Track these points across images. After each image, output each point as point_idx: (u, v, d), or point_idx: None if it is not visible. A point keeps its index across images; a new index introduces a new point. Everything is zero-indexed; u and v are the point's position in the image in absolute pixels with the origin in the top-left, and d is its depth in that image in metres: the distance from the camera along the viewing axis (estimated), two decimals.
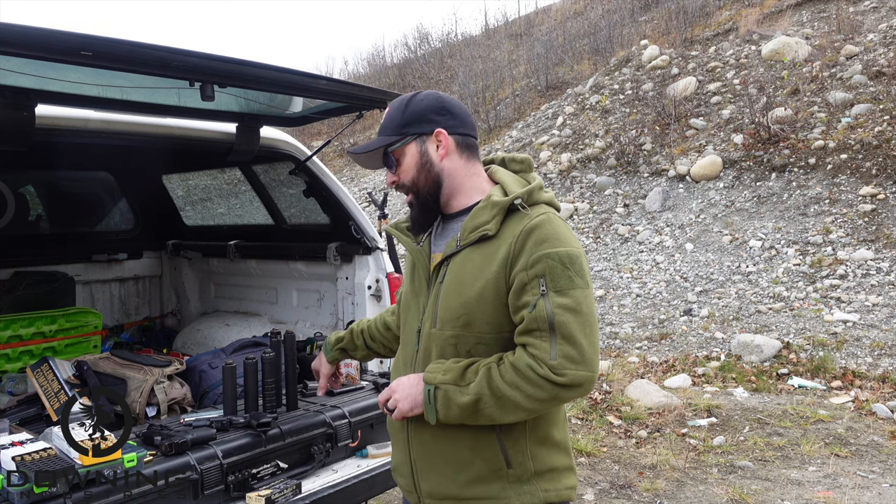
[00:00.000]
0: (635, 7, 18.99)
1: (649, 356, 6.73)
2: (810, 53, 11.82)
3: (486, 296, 1.56)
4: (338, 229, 3.51)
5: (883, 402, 5.28)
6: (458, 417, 1.55)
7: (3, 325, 3.42)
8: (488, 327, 1.58)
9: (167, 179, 4.60)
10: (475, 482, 1.61)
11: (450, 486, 1.64)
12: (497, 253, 1.57)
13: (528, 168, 1.74)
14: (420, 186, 1.69)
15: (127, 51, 2.05)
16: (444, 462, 1.64)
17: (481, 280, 1.57)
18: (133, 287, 4.71)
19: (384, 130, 1.70)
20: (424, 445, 1.68)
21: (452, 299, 1.61)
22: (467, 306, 1.58)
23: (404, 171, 1.69)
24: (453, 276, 1.63)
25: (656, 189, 10.53)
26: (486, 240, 1.59)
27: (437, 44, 25.37)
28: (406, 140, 1.67)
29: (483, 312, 1.57)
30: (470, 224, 1.62)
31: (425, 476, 1.69)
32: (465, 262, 1.62)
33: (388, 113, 1.73)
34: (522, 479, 1.61)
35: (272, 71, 2.40)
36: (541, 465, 1.63)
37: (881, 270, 7.30)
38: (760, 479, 4.26)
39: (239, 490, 2.30)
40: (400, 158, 1.69)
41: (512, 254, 1.54)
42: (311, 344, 3.22)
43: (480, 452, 1.60)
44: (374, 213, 3.39)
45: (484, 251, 1.59)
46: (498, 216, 1.59)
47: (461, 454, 1.62)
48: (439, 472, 1.65)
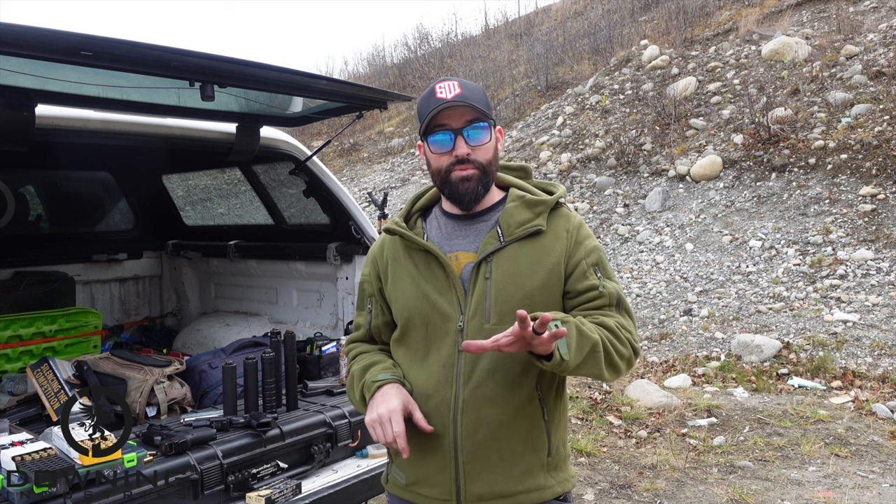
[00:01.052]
0: (635, 7, 18.99)
1: (649, 356, 6.73)
2: (810, 53, 11.82)
3: (549, 284, 1.65)
4: (338, 229, 3.51)
5: (883, 402, 5.28)
6: (584, 354, 1.52)
7: (3, 325, 3.42)
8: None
9: (167, 179, 4.61)
10: (526, 475, 1.64)
11: (505, 483, 1.63)
12: (553, 245, 1.68)
13: (528, 175, 1.84)
14: (492, 170, 1.71)
15: (127, 51, 2.05)
16: (499, 459, 1.63)
17: (543, 271, 1.65)
18: (133, 287, 4.71)
19: (478, 102, 1.64)
20: (479, 445, 1.61)
21: (511, 293, 1.63)
22: (531, 297, 1.63)
23: (485, 150, 1.67)
24: (506, 270, 1.64)
25: (656, 189, 10.53)
26: (537, 235, 1.68)
27: (437, 44, 25.36)
28: (492, 122, 1.70)
29: (545, 301, 1.64)
30: (513, 221, 1.68)
31: (476, 478, 1.62)
32: (516, 257, 1.66)
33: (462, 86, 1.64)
34: (558, 466, 1.69)
35: (272, 71, 2.40)
36: (566, 451, 1.74)
37: (881, 270, 7.30)
38: (760, 479, 4.26)
39: (239, 490, 2.30)
40: (483, 136, 1.66)
41: (570, 246, 1.69)
42: (311, 344, 3.23)
43: (532, 443, 1.65)
44: (374, 213, 3.39)
45: (536, 245, 1.67)
46: (544, 213, 1.70)
47: (515, 447, 1.63)
48: (493, 470, 1.62)
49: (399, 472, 1.76)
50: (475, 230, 1.70)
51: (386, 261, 1.78)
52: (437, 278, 1.68)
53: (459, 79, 1.69)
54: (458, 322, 1.64)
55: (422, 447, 1.66)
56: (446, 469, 1.64)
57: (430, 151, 1.68)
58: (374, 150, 18.75)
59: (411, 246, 1.73)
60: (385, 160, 17.53)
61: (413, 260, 1.72)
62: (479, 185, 1.67)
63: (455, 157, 1.64)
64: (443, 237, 1.73)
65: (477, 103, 1.64)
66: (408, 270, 1.72)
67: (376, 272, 1.81)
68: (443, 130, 1.64)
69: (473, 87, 1.69)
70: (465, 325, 1.63)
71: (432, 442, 1.64)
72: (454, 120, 1.64)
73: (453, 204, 1.72)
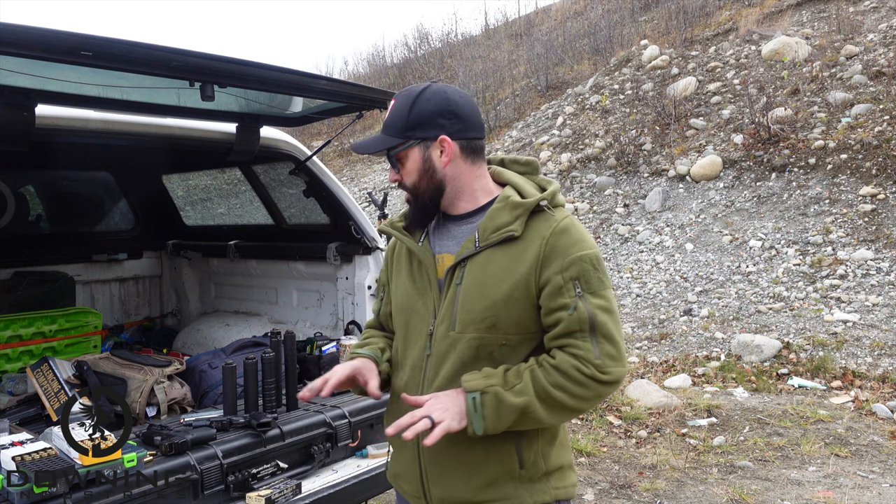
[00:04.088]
0: (635, 7, 18.98)
1: (649, 356, 6.73)
2: (810, 53, 11.82)
3: (515, 297, 1.55)
4: (338, 229, 3.51)
5: (883, 402, 5.28)
6: (508, 422, 1.51)
7: (3, 325, 3.42)
8: (514, 329, 1.57)
9: (167, 179, 4.61)
10: (490, 485, 1.59)
11: (464, 491, 1.61)
12: (525, 254, 1.55)
13: (535, 171, 1.72)
14: (420, 191, 1.65)
15: (127, 51, 2.05)
16: (459, 466, 1.61)
17: (509, 281, 1.55)
18: (133, 287, 4.71)
19: (388, 129, 1.64)
20: (437, 450, 1.59)
21: (475, 301, 1.57)
22: (494, 308, 1.55)
23: (406, 174, 1.65)
24: (474, 278, 1.58)
25: (656, 189, 10.53)
26: (511, 241, 1.57)
27: (437, 44, 25.36)
28: (409, 144, 1.62)
29: (510, 314, 1.55)
30: (490, 225, 1.59)
31: (437, 482, 1.64)
32: (487, 264, 1.58)
33: (394, 106, 1.65)
34: (534, 478, 1.60)
35: (272, 71, 2.40)
36: (551, 464, 1.63)
37: (881, 270, 7.30)
38: (760, 479, 4.26)
39: (239, 490, 2.30)
40: (403, 160, 1.64)
41: (542, 255, 1.54)
42: (311, 344, 3.23)
43: (495, 454, 1.58)
44: (374, 213, 3.39)
45: (509, 252, 1.57)
46: (522, 217, 1.57)
47: (476, 456, 1.58)
48: (453, 476, 1.62)
49: (391, 461, 1.84)
50: (462, 232, 1.67)
51: (395, 255, 1.82)
52: (422, 279, 1.69)
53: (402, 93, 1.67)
54: (430, 325, 1.65)
55: (399, 444, 1.73)
56: (414, 468, 1.69)
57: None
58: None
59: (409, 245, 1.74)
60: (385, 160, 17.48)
61: (409, 258, 1.74)
62: (414, 207, 1.68)
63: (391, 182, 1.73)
64: (436, 237, 1.72)
65: (389, 130, 1.63)
66: (405, 268, 1.75)
67: (388, 264, 1.85)
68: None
69: (397, 106, 1.64)
70: (435, 329, 1.64)
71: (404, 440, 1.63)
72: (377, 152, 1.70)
73: None
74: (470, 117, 1.65)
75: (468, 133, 1.64)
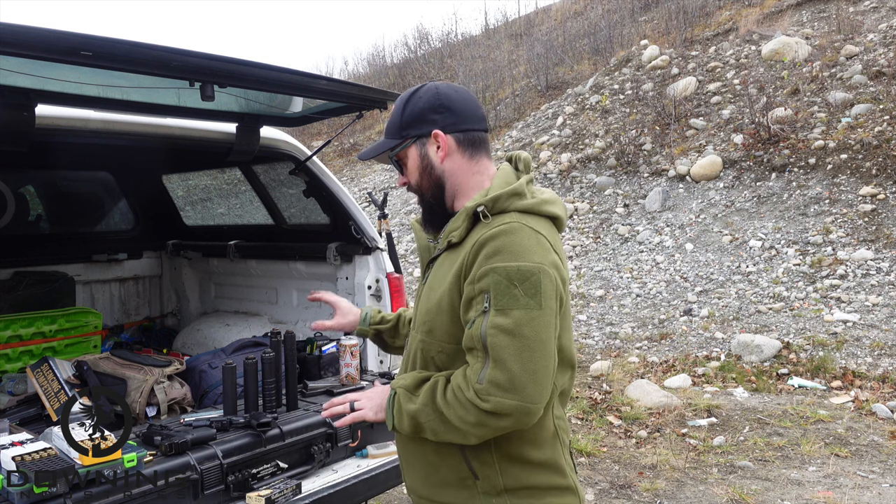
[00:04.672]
0: (635, 7, 18.98)
1: (649, 356, 6.73)
2: (810, 53, 11.82)
3: (442, 305, 1.53)
4: (338, 229, 3.51)
5: (883, 402, 5.28)
6: (407, 427, 1.53)
7: (3, 325, 3.42)
8: (447, 337, 1.54)
9: (167, 179, 4.61)
10: (444, 486, 1.59)
11: (423, 487, 1.65)
12: (455, 262, 1.51)
13: (525, 169, 1.64)
14: (423, 189, 1.65)
15: (127, 51, 2.05)
16: (418, 462, 1.65)
17: (441, 289, 1.54)
18: (133, 287, 4.71)
19: (387, 132, 1.67)
20: (403, 443, 1.69)
21: (423, 304, 1.61)
22: (430, 313, 1.57)
23: (409, 175, 1.66)
24: (429, 281, 1.62)
25: (656, 189, 10.53)
26: (454, 247, 1.55)
27: (437, 44, 25.35)
28: (406, 143, 1.63)
29: (442, 322, 1.54)
30: (447, 228, 1.58)
31: (406, 472, 1.72)
32: (438, 268, 1.60)
33: (392, 110, 1.70)
34: (491, 493, 1.53)
35: (272, 71, 2.40)
36: (513, 482, 1.53)
37: (881, 270, 7.30)
38: (760, 479, 4.26)
39: (239, 490, 2.30)
40: (403, 161, 1.65)
41: (465, 265, 1.47)
42: (311, 344, 3.22)
43: (445, 458, 1.56)
44: (374, 213, 3.39)
45: (450, 259, 1.55)
46: (465, 223, 1.52)
47: (429, 457, 1.60)
48: (415, 471, 1.67)
49: None
50: None
51: None
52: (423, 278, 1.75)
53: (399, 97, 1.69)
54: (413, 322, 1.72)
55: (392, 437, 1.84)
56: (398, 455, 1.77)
57: None
58: None
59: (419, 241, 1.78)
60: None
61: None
62: (424, 209, 1.68)
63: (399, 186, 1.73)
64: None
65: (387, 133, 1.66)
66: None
67: None
68: None
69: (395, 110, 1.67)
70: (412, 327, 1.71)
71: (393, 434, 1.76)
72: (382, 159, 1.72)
73: None
74: (464, 110, 1.62)
75: (463, 125, 1.61)
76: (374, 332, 2.02)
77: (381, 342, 2.03)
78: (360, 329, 2.04)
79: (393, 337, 2.00)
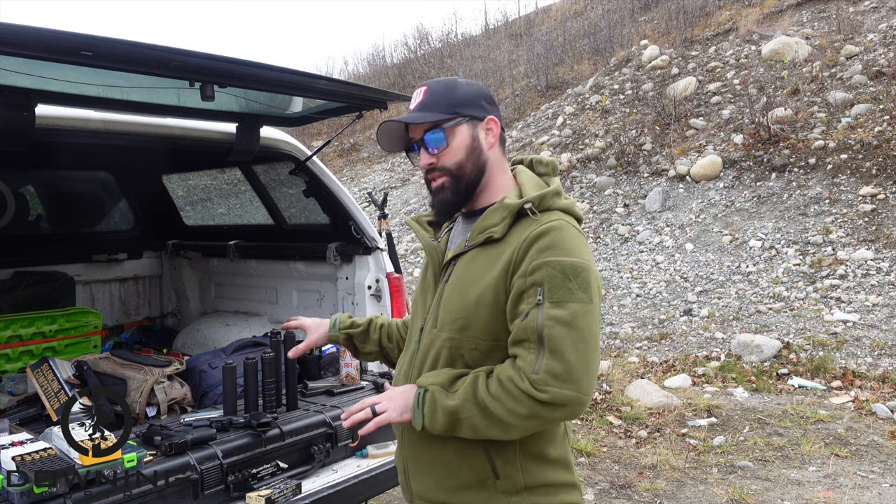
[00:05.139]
0: (635, 7, 18.98)
1: (649, 356, 6.73)
2: (810, 53, 11.82)
3: (484, 301, 1.51)
4: (338, 229, 3.51)
5: (883, 402, 5.28)
6: (443, 425, 1.49)
7: (3, 325, 3.42)
8: (483, 334, 1.53)
9: (167, 179, 4.61)
10: (462, 489, 1.56)
11: (437, 491, 1.61)
12: (501, 258, 1.52)
13: (553, 171, 1.67)
14: (465, 171, 1.60)
15: (127, 51, 2.05)
16: (432, 465, 1.61)
17: (482, 284, 1.52)
18: (133, 287, 4.71)
19: (429, 107, 1.59)
20: (414, 446, 1.64)
21: (453, 301, 1.57)
22: (466, 310, 1.54)
23: (450, 153, 1.59)
24: (457, 277, 1.58)
25: (656, 189, 10.53)
26: (492, 243, 1.54)
27: (437, 44, 25.35)
28: (459, 120, 1.58)
29: (480, 318, 1.52)
30: (480, 225, 1.57)
31: (415, 477, 1.66)
32: (469, 264, 1.57)
33: (430, 91, 1.62)
34: (511, 491, 1.54)
35: (272, 71, 2.40)
36: (532, 479, 1.55)
37: (881, 270, 7.30)
38: (760, 479, 4.26)
39: (239, 490, 2.30)
40: (448, 138, 1.58)
41: (514, 260, 1.49)
42: None
43: (467, 459, 1.55)
44: (374, 213, 3.39)
45: (489, 254, 1.54)
46: (507, 219, 1.54)
47: (448, 459, 1.57)
48: (427, 474, 1.63)
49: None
50: (468, 229, 1.67)
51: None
52: (429, 275, 1.72)
53: (434, 81, 1.65)
54: (422, 322, 1.67)
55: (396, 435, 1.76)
56: (400, 460, 1.72)
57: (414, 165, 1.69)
58: (374, 150, 18.75)
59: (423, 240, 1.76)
60: (385, 160, 17.52)
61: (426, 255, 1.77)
62: (451, 192, 1.61)
63: (421, 167, 1.63)
64: (454, 233, 1.73)
65: (432, 108, 1.58)
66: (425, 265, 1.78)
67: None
68: (413, 142, 1.64)
69: (438, 88, 1.62)
70: (425, 325, 1.66)
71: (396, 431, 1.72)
72: (416, 131, 1.62)
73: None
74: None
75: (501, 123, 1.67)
76: (345, 336, 2.01)
77: (353, 347, 2.03)
78: (330, 335, 2.03)
79: (363, 342, 2.00)
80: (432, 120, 1.58)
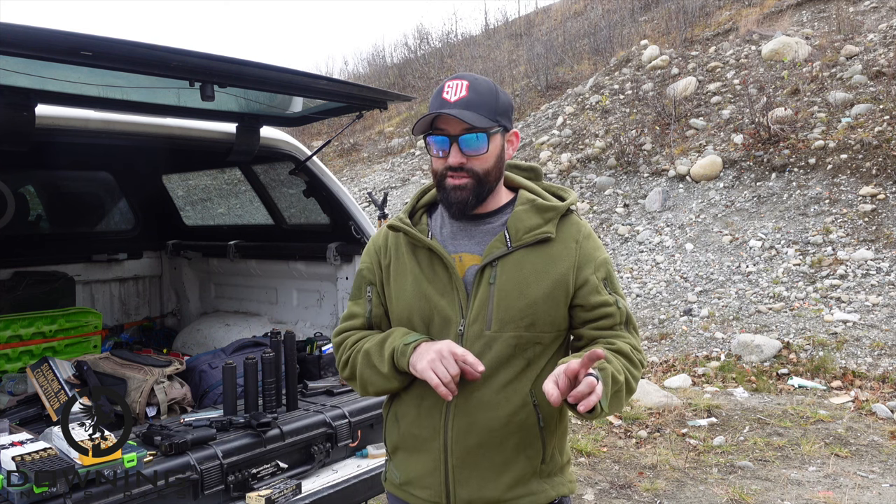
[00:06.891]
0: (635, 7, 18.99)
1: (649, 356, 6.73)
2: (810, 53, 11.82)
3: (554, 295, 1.60)
4: (338, 229, 3.51)
5: (883, 402, 5.28)
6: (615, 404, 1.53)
7: (3, 325, 3.42)
8: (549, 327, 1.62)
9: (167, 179, 4.60)
10: (517, 482, 1.62)
11: (494, 489, 1.61)
12: (561, 254, 1.62)
13: (539, 177, 1.78)
14: (490, 179, 1.62)
15: (127, 51, 2.05)
16: (489, 465, 1.61)
17: (548, 280, 1.60)
18: (133, 287, 4.71)
19: (475, 107, 1.56)
20: (469, 451, 1.61)
21: (514, 301, 1.58)
22: (533, 307, 1.59)
23: (483, 159, 1.59)
24: (510, 278, 1.59)
25: (656, 189, 10.53)
26: (544, 242, 1.63)
27: (437, 44, 25.36)
28: (497, 129, 1.61)
29: (547, 312, 1.60)
30: (521, 226, 1.62)
31: (465, 483, 1.62)
32: (521, 264, 1.60)
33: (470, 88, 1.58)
34: (553, 472, 1.66)
35: (272, 71, 2.40)
36: (564, 457, 1.71)
37: (881, 270, 7.30)
38: (760, 479, 4.26)
39: (239, 490, 2.30)
40: (485, 146, 1.58)
41: (578, 257, 1.63)
42: (310, 344, 3.23)
43: (524, 451, 1.62)
44: (374, 213, 3.39)
45: (543, 253, 1.62)
46: (554, 220, 1.64)
47: (506, 455, 1.61)
48: (482, 476, 1.61)
49: (395, 470, 1.76)
50: (482, 232, 1.65)
51: (389, 256, 1.73)
52: (440, 279, 1.64)
53: (472, 77, 1.61)
54: (458, 326, 1.61)
55: (414, 448, 1.68)
56: (437, 472, 1.64)
57: (430, 151, 1.63)
58: (374, 150, 18.75)
59: (415, 244, 1.68)
60: (385, 160, 17.52)
61: (416, 258, 1.68)
62: (472, 195, 1.60)
63: (448, 164, 1.59)
64: (447, 236, 1.68)
65: (479, 110, 1.56)
66: (410, 269, 1.67)
67: (378, 263, 1.76)
68: (441, 134, 1.58)
69: (483, 90, 1.59)
70: (466, 329, 1.60)
71: (424, 444, 1.65)
72: (452, 125, 1.57)
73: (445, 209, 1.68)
74: None
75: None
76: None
77: None
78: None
79: None
80: (483, 126, 1.56)
